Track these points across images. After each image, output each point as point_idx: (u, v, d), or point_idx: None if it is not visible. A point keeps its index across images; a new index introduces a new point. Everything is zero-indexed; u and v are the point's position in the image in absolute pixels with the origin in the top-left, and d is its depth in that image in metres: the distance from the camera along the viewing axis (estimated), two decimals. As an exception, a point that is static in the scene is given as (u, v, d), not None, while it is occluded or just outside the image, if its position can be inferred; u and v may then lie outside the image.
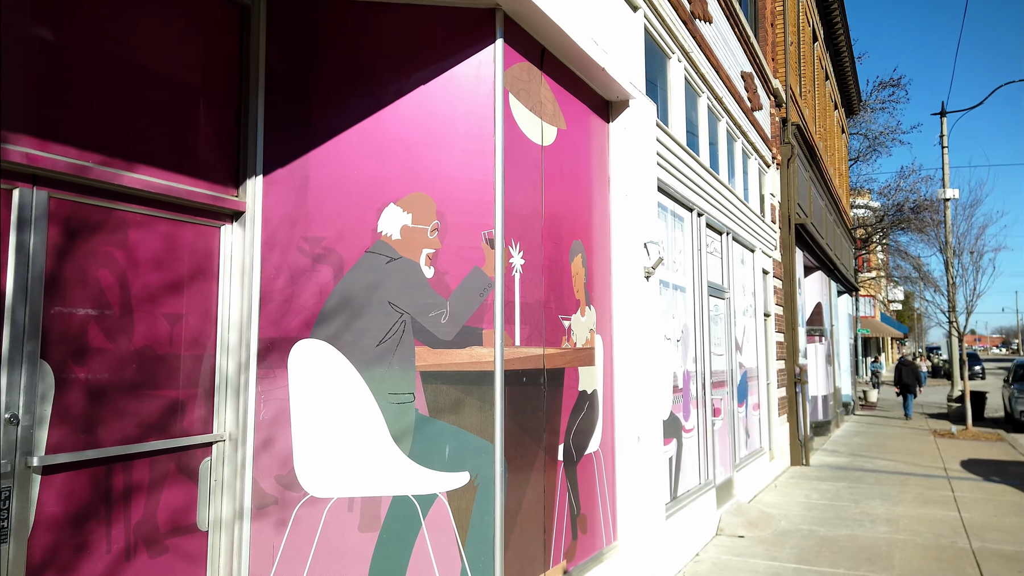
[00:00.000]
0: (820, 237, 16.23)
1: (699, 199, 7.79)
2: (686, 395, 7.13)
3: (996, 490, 10.18)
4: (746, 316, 10.05)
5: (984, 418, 22.34)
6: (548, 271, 4.37)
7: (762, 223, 11.02)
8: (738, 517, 7.71)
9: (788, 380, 12.45)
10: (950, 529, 7.75)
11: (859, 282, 46.22)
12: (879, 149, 36.06)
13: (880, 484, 10.52)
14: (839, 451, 14.30)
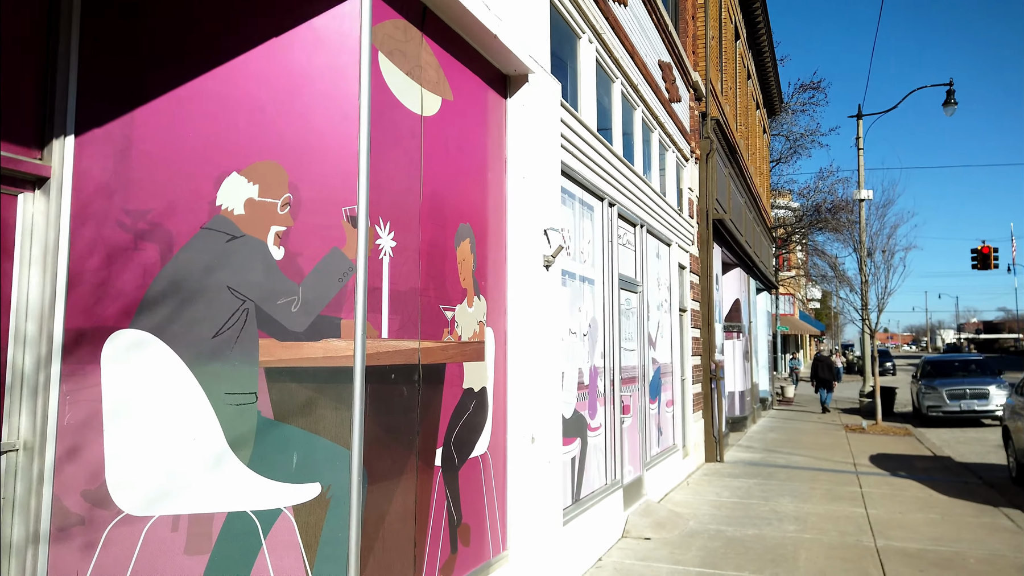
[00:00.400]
0: (739, 234, 16.31)
1: (611, 188, 7.49)
2: (592, 392, 6.81)
3: (902, 485, 10.29)
4: (661, 311, 9.85)
5: (894, 413, 23.07)
6: (427, 256, 3.94)
7: (679, 217, 10.86)
8: (646, 518, 7.45)
9: (704, 376, 12.37)
10: (856, 527, 7.69)
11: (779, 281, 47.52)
12: (800, 151, 37.01)
13: (791, 480, 10.51)
14: (754, 447, 14.38)
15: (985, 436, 17.28)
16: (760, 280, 22.94)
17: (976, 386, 19.25)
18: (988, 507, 8.74)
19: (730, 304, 17.49)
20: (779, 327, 46.49)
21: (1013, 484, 10.95)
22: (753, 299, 21.08)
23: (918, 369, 23.09)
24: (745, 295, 18.86)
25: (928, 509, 8.62)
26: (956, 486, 10.19)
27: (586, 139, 6.57)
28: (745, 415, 17.43)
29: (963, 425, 19.57)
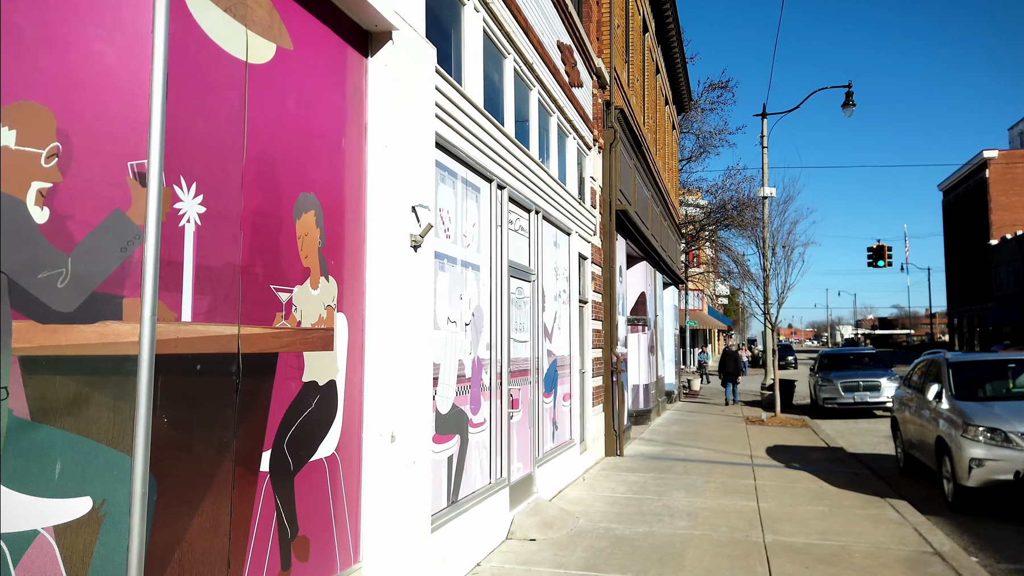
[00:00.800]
0: (645, 227, 16.24)
1: (501, 170, 7.06)
2: (476, 385, 6.37)
3: (795, 477, 10.33)
4: (558, 301, 9.52)
5: (793, 405, 23.71)
6: (253, 227, 3.38)
7: (580, 206, 10.56)
8: (533, 517, 7.08)
9: (605, 369, 12.16)
10: (746, 521, 7.54)
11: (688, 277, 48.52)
12: (709, 149, 37.79)
13: (688, 474, 10.39)
14: (656, 440, 14.32)
15: (876, 427, 17.86)
16: (667, 275, 23.13)
17: (869, 378, 19.92)
18: (876, 498, 8.81)
19: (635, 297, 17.45)
20: (687, 322, 47.52)
21: (901, 474, 11.19)
22: (660, 293, 21.19)
23: (815, 362, 23.79)
24: (651, 289, 18.88)
25: (818, 501, 8.60)
26: (847, 477, 10.30)
27: (470, 114, 6.11)
28: (649, 408, 17.43)
29: (857, 416, 20.24)
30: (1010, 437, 7.90)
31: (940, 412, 9.10)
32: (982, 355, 10.40)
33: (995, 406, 8.58)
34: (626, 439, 13.49)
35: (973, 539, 7.30)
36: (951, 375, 9.55)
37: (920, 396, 10.08)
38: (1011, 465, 7.77)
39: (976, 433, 8.13)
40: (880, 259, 37.82)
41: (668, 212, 22.66)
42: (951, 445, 8.46)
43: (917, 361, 11.54)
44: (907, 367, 12.76)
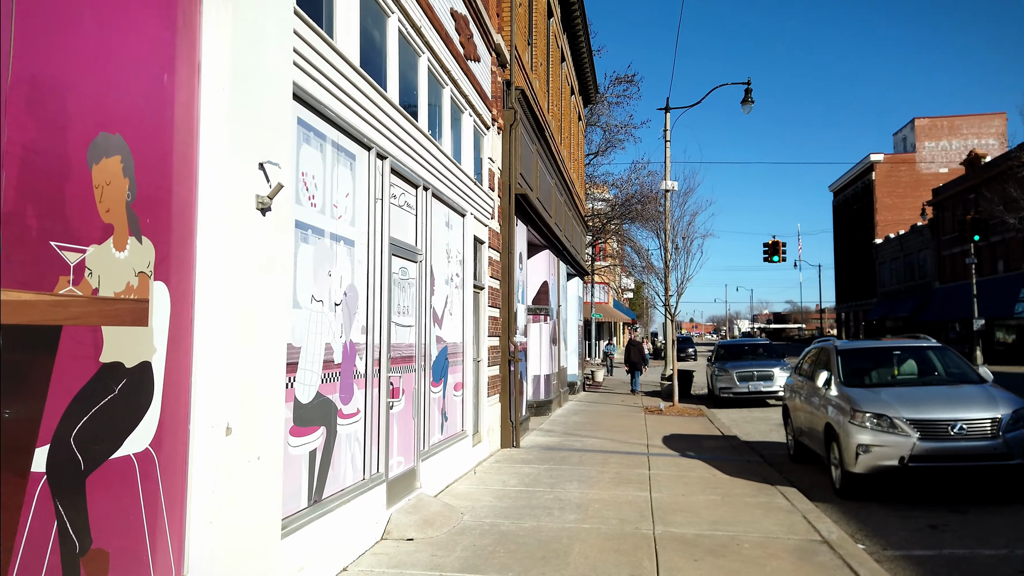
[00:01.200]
0: (547, 214, 15.94)
1: (382, 138, 6.47)
2: (348, 372, 5.78)
3: (689, 466, 10.21)
4: (450, 285, 9.00)
5: (691, 395, 24.10)
6: (22, 165, 2.70)
7: (477, 188, 10.08)
8: (413, 515, 6.56)
9: (502, 358, 11.75)
10: (638, 513, 7.27)
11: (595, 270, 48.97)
12: (615, 144, 38.08)
13: (583, 464, 10.11)
14: (555, 431, 14.05)
15: (769, 416, 18.25)
16: (572, 265, 23.01)
17: (762, 368, 20.39)
18: (766, 486, 8.75)
19: (537, 286, 17.15)
20: (593, 314, 47.99)
21: (791, 461, 11.29)
22: (563, 284, 21.02)
23: (713, 353, 24.25)
24: (554, 279, 18.65)
25: (710, 490, 8.45)
26: (739, 465, 10.28)
27: (343, 71, 5.50)
28: (550, 399, 17.19)
29: (751, 405, 20.69)
30: (895, 423, 7.95)
31: (829, 399, 9.14)
32: (870, 343, 10.58)
33: (882, 392, 8.66)
34: (524, 430, 13.15)
35: (860, 526, 7.28)
36: (840, 362, 9.63)
37: (810, 384, 10.14)
38: (896, 451, 7.82)
39: (863, 419, 8.16)
40: (775, 254, 39.17)
41: (573, 203, 22.52)
42: (839, 431, 8.48)
43: (808, 349, 11.68)
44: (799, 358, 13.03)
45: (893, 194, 74.17)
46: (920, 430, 7.85)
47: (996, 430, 7.72)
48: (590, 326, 50.84)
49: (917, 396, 8.42)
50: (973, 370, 9.21)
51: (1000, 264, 46.32)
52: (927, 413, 7.95)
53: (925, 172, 73.35)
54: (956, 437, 7.75)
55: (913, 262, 61.34)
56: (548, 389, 17.21)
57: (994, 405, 7.97)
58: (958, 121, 74.01)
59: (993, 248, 46.41)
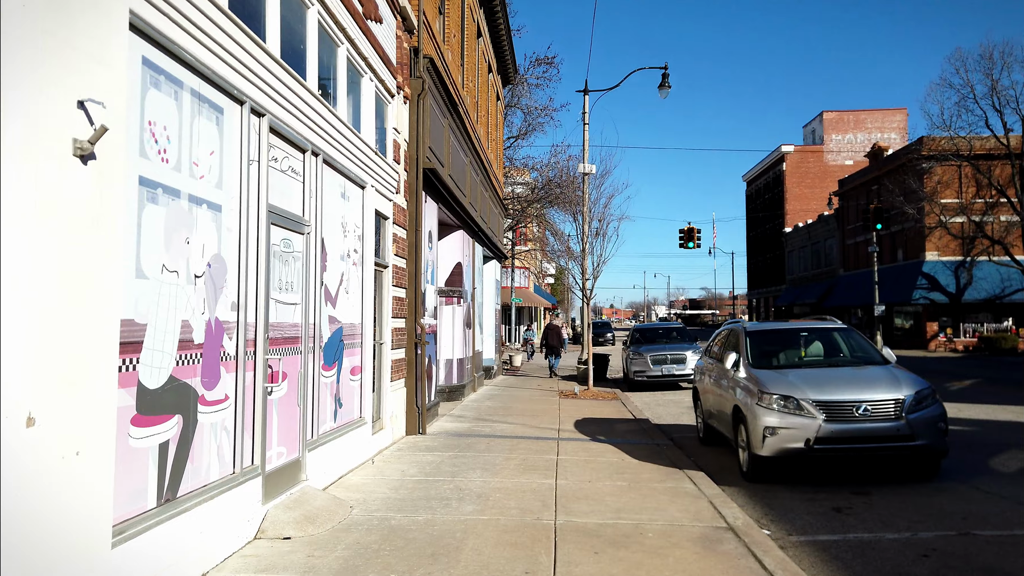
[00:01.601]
0: (461, 193, 15.40)
1: (258, 93, 5.79)
2: (212, 353, 5.13)
3: (599, 450, 9.94)
4: (347, 262, 8.37)
5: (607, 379, 24.10)
6: None
7: (380, 159, 9.44)
8: (294, 511, 5.96)
9: (408, 341, 11.18)
10: (541, 502, 6.88)
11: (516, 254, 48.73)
12: (536, 128, 37.75)
13: (490, 451, 9.69)
14: (466, 416, 13.59)
15: (682, 398, 18.34)
16: (489, 248, 22.56)
17: (676, 352, 20.50)
18: (674, 470, 8.53)
19: (451, 268, 16.62)
20: (513, 299, 47.83)
21: (701, 444, 11.20)
22: (479, 266, 20.55)
23: (628, 337, 24.32)
24: (469, 260, 18.15)
25: (618, 476, 8.17)
26: (648, 449, 10.07)
27: (206, 10, 4.81)
28: (463, 383, 16.73)
29: (665, 388, 20.80)
30: (802, 405, 7.83)
31: (738, 381, 9.00)
32: (778, 324, 10.54)
33: (789, 374, 8.56)
34: (433, 416, 12.64)
35: (766, 510, 7.11)
36: (748, 344, 9.51)
37: (719, 366, 10.01)
38: (803, 433, 7.70)
39: (771, 401, 8.02)
40: (690, 240, 39.77)
41: (491, 184, 22.04)
42: (747, 414, 8.32)
43: (718, 331, 11.59)
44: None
45: (802, 184, 76.94)
46: (826, 412, 7.76)
47: (899, 411, 7.70)
48: (510, 311, 50.70)
49: (823, 377, 8.35)
50: (877, 351, 9.24)
51: (900, 253, 48.60)
52: (833, 394, 7.86)
53: (832, 164, 76.35)
54: (861, 418, 7.69)
55: (820, 250, 63.81)
56: (461, 373, 16.74)
57: (897, 386, 7.95)
58: (863, 115, 77.28)
59: (893, 237, 48.63)
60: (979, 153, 41.43)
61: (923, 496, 7.45)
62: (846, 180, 58.10)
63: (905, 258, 47.70)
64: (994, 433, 11.30)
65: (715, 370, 10.35)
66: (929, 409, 7.82)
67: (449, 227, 16.36)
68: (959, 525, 6.37)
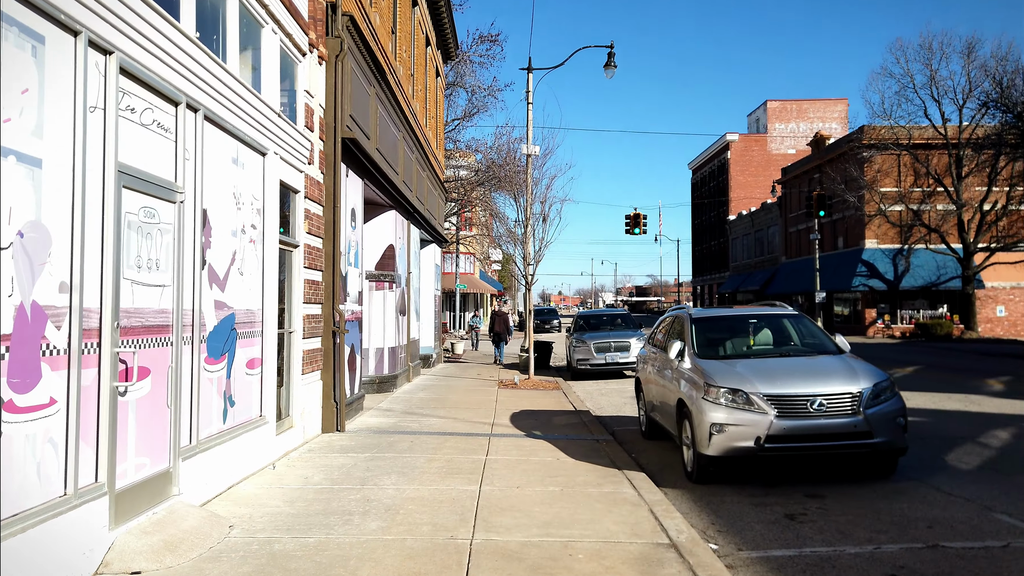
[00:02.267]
0: (393, 170, 14.31)
1: (101, 24, 4.67)
2: (26, 347, 4.04)
3: (533, 448, 9.08)
4: (241, 239, 7.27)
5: (550, 367, 23.36)
6: None
7: (285, 123, 8.33)
8: (153, 536, 4.91)
9: (325, 329, 10.11)
10: (458, 515, 5.97)
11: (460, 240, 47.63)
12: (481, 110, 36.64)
13: (413, 451, 8.73)
14: (394, 409, 12.59)
15: (625, 387, 17.66)
16: (428, 231, 21.49)
17: (620, 339, 19.82)
18: (614, 471, 7.73)
19: (381, 250, 15.53)
20: (457, 285, 46.80)
21: (643, 438, 10.45)
22: (416, 250, 19.48)
23: (572, 324, 23.59)
24: (403, 243, 17.08)
25: (551, 479, 7.32)
26: (587, 446, 9.25)
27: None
28: (396, 373, 15.71)
29: (609, 377, 20.13)
30: (752, 399, 7.09)
31: (682, 372, 8.22)
32: (725, 310, 9.81)
33: (737, 365, 7.81)
34: (356, 410, 11.61)
35: (713, 518, 6.34)
36: (694, 332, 8.75)
37: (663, 355, 9.25)
38: (753, 430, 6.96)
39: (718, 395, 7.25)
40: (636, 226, 39.38)
41: (429, 164, 20.94)
42: (692, 408, 7.55)
43: (662, 318, 10.82)
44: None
45: (746, 172, 77.65)
46: (778, 407, 7.03)
47: (857, 406, 7.01)
48: (454, 297, 49.63)
49: (775, 369, 7.62)
50: (830, 340, 8.57)
51: (840, 240, 49.17)
52: (785, 388, 7.13)
53: (775, 153, 77.20)
54: (816, 414, 6.98)
55: (763, 238, 64.40)
56: (394, 363, 15.71)
57: (854, 378, 7.27)
58: (805, 105, 78.28)
59: (834, 225, 49.16)
60: (918, 143, 42.00)
61: (882, 499, 6.79)
62: (789, 168, 58.56)
63: (845, 246, 48.27)
64: (945, 424, 10.85)
65: (658, 360, 9.58)
66: (888, 403, 7.16)
67: (379, 206, 15.27)
68: (926, 536, 5.69)
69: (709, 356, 8.29)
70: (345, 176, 11.12)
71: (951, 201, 40.46)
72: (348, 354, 11.28)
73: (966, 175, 40.52)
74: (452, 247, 46.83)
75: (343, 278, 10.94)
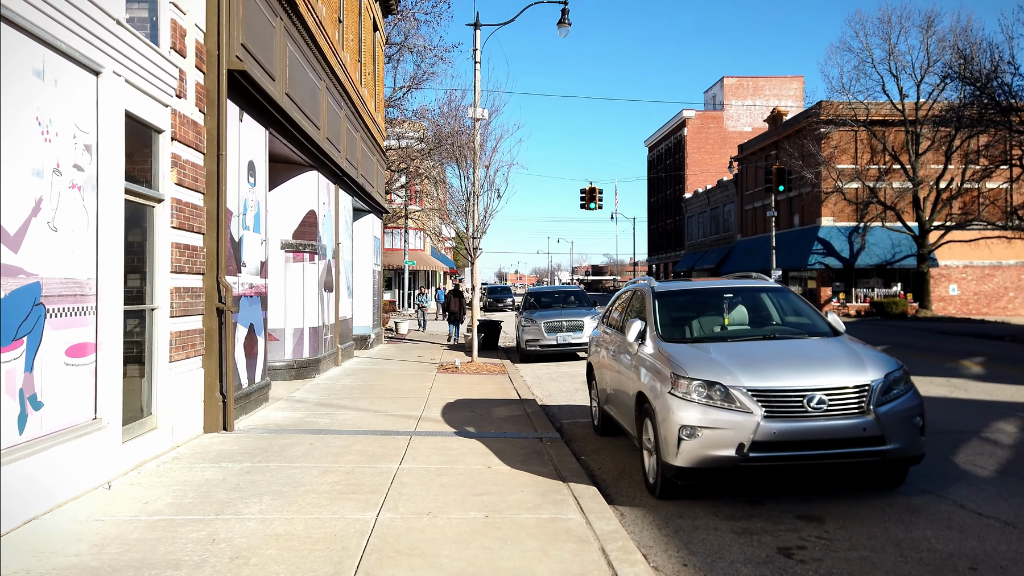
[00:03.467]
0: (312, 125, 12.37)
1: None
2: None
3: (462, 451, 7.41)
4: (50, 181, 5.36)
5: (499, 347, 21.74)
6: None
7: (134, 37, 6.39)
8: None
9: (208, 306, 8.23)
10: (332, 568, 4.24)
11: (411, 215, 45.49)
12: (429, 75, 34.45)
13: (308, 459, 6.97)
14: (307, 400, 10.77)
15: (577, 371, 16.11)
16: (365, 200, 19.54)
17: (572, 318, 18.23)
18: (557, 485, 6.09)
19: (300, 216, 13.57)
20: (406, 261, 44.78)
21: (596, 435, 8.88)
22: (347, 220, 17.53)
23: (522, 301, 21.94)
24: (329, 210, 15.14)
25: (476, 499, 5.64)
26: (528, 447, 7.61)
27: None
28: (319, 357, 13.85)
29: (561, 359, 18.59)
30: (732, 394, 5.49)
31: (643, 359, 6.60)
32: (695, 283, 8.21)
33: (711, 350, 6.20)
34: (257, 403, 9.77)
35: (686, 557, 4.74)
36: (657, 309, 7.11)
37: (620, 337, 7.64)
38: (735, 435, 5.37)
39: (688, 388, 5.64)
40: (592, 201, 37.91)
41: (365, 125, 18.95)
42: (655, 405, 5.93)
43: (618, 293, 9.18)
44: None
45: (703, 150, 76.75)
46: (766, 405, 5.44)
47: (865, 403, 5.47)
48: (403, 275, 47.56)
49: (759, 355, 6.04)
50: (822, 318, 7.04)
51: (796, 218, 48.47)
52: (774, 379, 5.55)
53: (732, 130, 76.43)
54: (814, 414, 5.41)
55: (719, 216, 63.61)
56: (316, 345, 13.84)
57: (860, 367, 5.71)
58: (762, 82, 77.56)
59: (791, 202, 48.42)
60: (875, 119, 41.25)
61: (896, 522, 5.28)
62: (746, 145, 57.66)
63: (802, 223, 47.58)
64: (939, 414, 9.49)
65: (614, 342, 7.96)
66: (903, 399, 5.62)
67: (296, 165, 13.30)
68: (974, 585, 4.18)
69: (676, 339, 6.68)
70: (239, 120, 9.18)
71: (907, 178, 39.86)
72: (245, 336, 9.42)
73: (923, 152, 39.92)
74: (400, 222, 44.75)
75: (235, 244, 9.04)
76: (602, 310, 19.76)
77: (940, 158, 39.52)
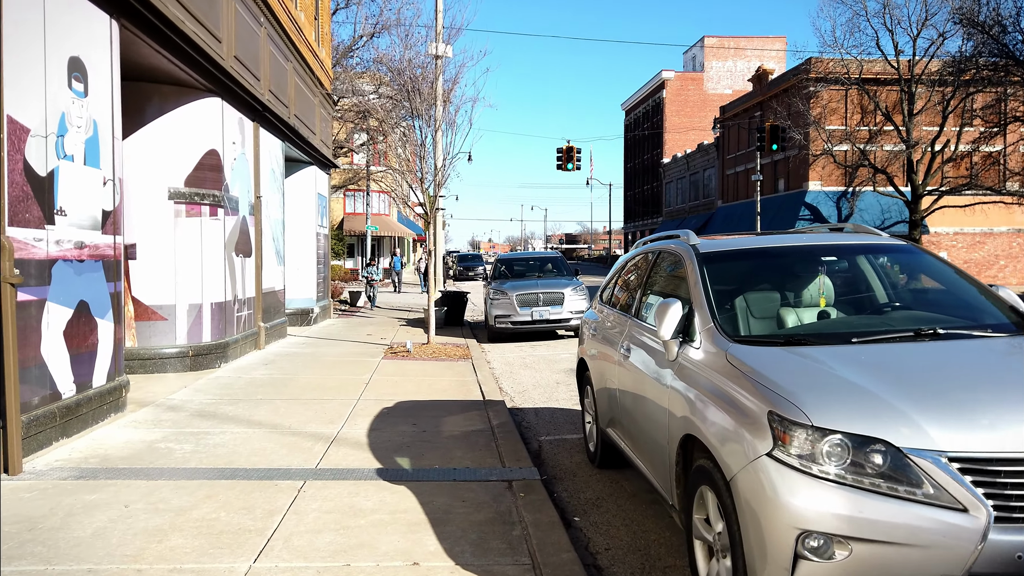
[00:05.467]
0: (209, 33, 9.14)
1: None
2: None
3: (375, 521, 4.44)
4: None
5: (466, 323, 18.82)
6: None
7: None
8: None
9: (-30, 275, 5.08)
10: None
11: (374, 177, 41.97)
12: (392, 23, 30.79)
13: (91, 549, 3.94)
14: (185, 406, 7.70)
15: (557, 354, 13.22)
16: (303, 148, 16.29)
17: (550, 290, 15.26)
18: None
19: (197, 156, 10.32)
20: (368, 226, 41.43)
21: (593, 467, 5.99)
22: (276, 167, 14.27)
23: (492, 269, 18.92)
24: (246, 153, 11.91)
25: None
26: (489, 502, 4.66)
27: None
28: (227, 341, 10.74)
29: (537, 338, 15.69)
30: (915, 467, 2.57)
31: (692, 372, 3.64)
32: (762, 239, 5.09)
33: (830, 359, 3.24)
34: (96, 417, 6.69)
35: None
36: (710, 284, 4.10)
37: (635, 326, 4.70)
38: (928, 560, 2.43)
39: (816, 449, 2.71)
40: (570, 161, 34.91)
41: (300, 56, 15.63)
42: (733, 472, 3.00)
43: (628, 255, 6.12)
44: (596, 278, 7.69)
45: (682, 113, 73.70)
46: (989, 488, 2.53)
47: None
48: (366, 240, 44.13)
49: (935, 375, 3.11)
50: (997, 297, 4.09)
51: (781, 183, 45.91)
52: (1002, 430, 2.63)
53: (712, 93, 73.45)
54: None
55: (699, 181, 60.90)
56: (222, 325, 10.72)
57: None
58: (743, 42, 74.46)
59: (776, 166, 45.83)
60: (867, 77, 38.47)
61: None
62: (728, 106, 54.75)
63: (787, 188, 45.04)
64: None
65: (625, 333, 4.98)
66: None
67: (189, 89, 10.02)
68: None
69: (755, 338, 3.71)
70: (44, -12, 5.95)
71: (901, 140, 37.25)
72: (69, 319, 6.30)
73: (918, 112, 37.30)
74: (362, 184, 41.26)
75: (35, 178, 5.87)
76: (585, 280, 16.83)
77: (936, 119, 36.98)
